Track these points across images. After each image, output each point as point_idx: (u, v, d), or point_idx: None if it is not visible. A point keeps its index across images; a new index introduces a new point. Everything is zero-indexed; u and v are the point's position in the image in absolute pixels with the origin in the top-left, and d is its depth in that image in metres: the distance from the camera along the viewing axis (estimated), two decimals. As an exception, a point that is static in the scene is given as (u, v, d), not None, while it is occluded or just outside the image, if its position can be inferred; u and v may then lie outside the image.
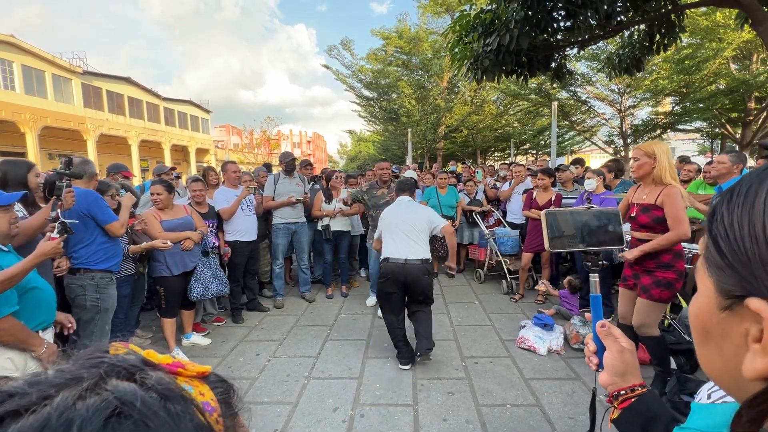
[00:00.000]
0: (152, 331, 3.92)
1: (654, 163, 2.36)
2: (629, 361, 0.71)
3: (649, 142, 2.49)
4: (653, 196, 2.41)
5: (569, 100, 14.28)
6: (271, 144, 37.05)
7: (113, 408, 0.25)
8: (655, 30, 4.50)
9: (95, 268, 2.54)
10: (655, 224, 2.41)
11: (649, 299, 2.42)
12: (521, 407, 2.56)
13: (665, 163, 2.35)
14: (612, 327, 0.75)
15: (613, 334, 0.74)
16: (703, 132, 16.10)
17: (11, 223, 1.68)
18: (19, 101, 17.13)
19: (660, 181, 2.37)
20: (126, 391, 0.26)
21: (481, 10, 4.31)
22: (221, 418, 0.31)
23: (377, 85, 16.57)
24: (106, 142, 21.82)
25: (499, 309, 4.35)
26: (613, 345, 0.73)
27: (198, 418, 0.29)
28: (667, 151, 2.39)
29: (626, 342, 0.73)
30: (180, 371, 0.32)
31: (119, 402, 0.25)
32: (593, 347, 0.77)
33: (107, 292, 2.58)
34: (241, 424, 0.35)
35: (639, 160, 2.44)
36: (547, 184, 4.52)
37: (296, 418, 2.50)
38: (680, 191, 2.33)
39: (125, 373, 0.29)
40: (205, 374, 0.34)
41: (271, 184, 4.54)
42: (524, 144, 20.18)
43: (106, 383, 0.27)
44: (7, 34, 16.72)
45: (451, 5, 14.31)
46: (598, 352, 0.76)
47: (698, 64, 10.50)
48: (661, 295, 2.39)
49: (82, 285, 2.47)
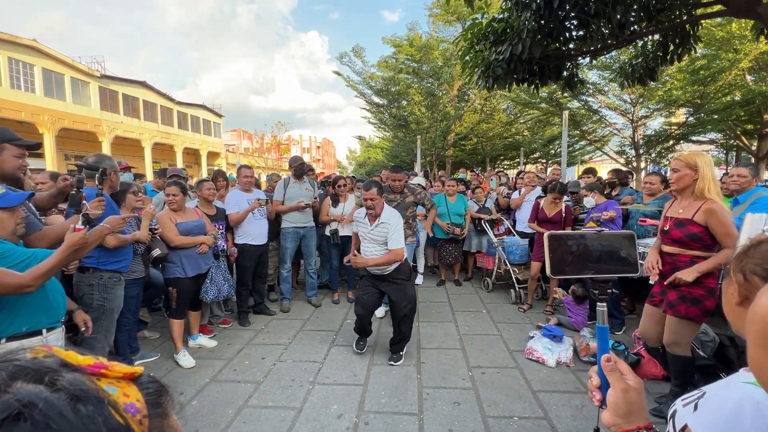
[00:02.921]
0: (159, 332, 3.95)
1: (695, 175, 2.23)
2: (634, 401, 0.66)
3: (691, 152, 2.34)
4: (691, 211, 2.28)
5: (580, 109, 14.19)
6: (281, 149, 37.40)
7: (12, 410, 0.24)
8: (669, 40, 4.45)
9: (104, 268, 2.57)
10: (689, 240, 2.28)
11: (676, 315, 2.29)
12: (529, 420, 2.51)
13: (709, 176, 2.21)
14: (619, 362, 0.70)
15: (620, 370, 0.69)
16: (717, 143, 15.85)
17: (17, 223, 1.70)
18: (39, 103, 17.61)
19: (701, 195, 2.24)
20: (28, 393, 0.26)
21: (493, 18, 4.32)
22: (146, 419, 0.31)
23: (387, 92, 16.66)
24: (120, 144, 22.26)
25: (507, 318, 4.29)
26: (617, 383, 0.68)
27: (113, 418, 0.28)
28: (710, 163, 2.26)
29: (633, 380, 0.68)
30: (103, 372, 0.31)
31: (20, 404, 0.25)
32: (597, 382, 0.72)
33: (114, 292, 2.60)
34: (171, 425, 0.34)
35: (679, 171, 2.29)
36: (560, 202, 4.38)
37: (300, 424, 2.48)
38: (723, 207, 2.19)
39: (34, 375, 0.28)
40: (135, 375, 0.33)
41: (281, 188, 4.57)
42: (534, 153, 20.07)
43: (9, 386, 0.26)
44: (30, 39, 17.25)
45: (462, 14, 14.38)
46: (602, 387, 0.71)
47: (713, 74, 10.37)
48: (687, 311, 2.25)
49: (90, 284, 2.50)
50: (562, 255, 0.90)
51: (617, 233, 0.93)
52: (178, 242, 3.23)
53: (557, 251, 0.90)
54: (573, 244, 0.91)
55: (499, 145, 18.76)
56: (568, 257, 0.90)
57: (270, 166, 32.38)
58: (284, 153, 38.03)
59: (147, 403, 0.32)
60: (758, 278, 0.73)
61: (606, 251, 0.91)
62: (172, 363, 3.29)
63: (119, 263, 2.66)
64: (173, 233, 3.22)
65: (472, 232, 5.63)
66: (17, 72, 17.01)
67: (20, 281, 1.50)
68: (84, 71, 19.90)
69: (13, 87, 16.82)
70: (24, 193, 1.78)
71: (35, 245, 1.99)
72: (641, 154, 14.20)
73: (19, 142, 2.01)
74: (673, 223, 2.36)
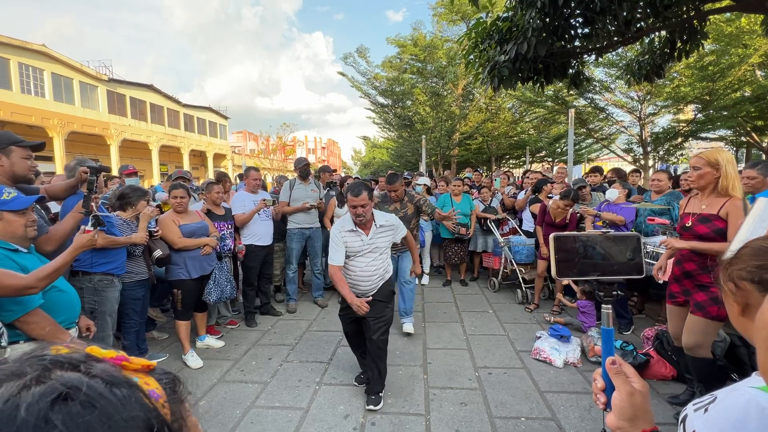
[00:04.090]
0: (167, 333, 3.99)
1: (717, 173, 2.22)
2: (639, 405, 0.66)
3: (712, 150, 2.31)
4: (716, 206, 2.25)
5: (587, 107, 14.06)
6: (287, 150, 37.56)
7: (59, 392, 0.27)
8: (677, 36, 4.40)
9: (93, 271, 2.58)
10: (715, 236, 2.25)
11: (706, 317, 2.23)
12: (536, 420, 2.49)
13: (732, 174, 2.20)
14: (624, 365, 0.69)
15: (625, 373, 0.68)
16: (727, 140, 15.61)
17: (28, 225, 1.72)
18: (48, 107, 17.87)
19: (725, 192, 2.22)
20: (71, 379, 0.29)
21: (498, 17, 4.30)
22: (167, 404, 0.34)
23: (392, 92, 16.64)
24: (128, 146, 22.51)
25: (513, 319, 4.27)
26: (622, 386, 0.67)
27: (144, 400, 0.31)
28: (732, 161, 2.24)
29: (639, 383, 0.68)
30: (125, 364, 0.34)
31: (65, 387, 0.28)
32: (601, 384, 0.71)
33: (105, 295, 2.61)
34: (187, 409, 0.37)
35: (700, 169, 2.27)
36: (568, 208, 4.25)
37: (307, 424, 2.49)
38: (746, 204, 2.18)
39: (69, 365, 0.31)
40: (150, 368, 0.36)
41: (287, 189, 4.60)
42: (540, 151, 19.93)
43: (50, 374, 0.29)
44: (39, 44, 17.51)
45: (466, 13, 14.33)
46: (606, 390, 0.70)
47: (722, 70, 10.21)
48: (719, 312, 2.20)
49: (81, 287, 2.50)
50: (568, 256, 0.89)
51: (623, 235, 0.92)
52: (182, 244, 3.25)
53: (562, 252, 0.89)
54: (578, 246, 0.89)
55: (504, 144, 18.65)
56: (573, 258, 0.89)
57: (275, 167, 32.52)
58: (290, 154, 38.19)
59: (165, 391, 0.35)
60: (747, 282, 0.72)
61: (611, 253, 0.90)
62: (181, 363, 3.32)
63: (109, 264, 2.66)
64: (177, 235, 3.24)
65: (478, 231, 5.61)
66: (27, 77, 17.29)
67: (23, 283, 1.51)
68: (92, 75, 20.16)
69: (24, 92, 17.09)
70: (33, 196, 1.81)
71: (43, 248, 2.02)
72: (649, 152, 14.03)
73: (24, 143, 2.05)
74: (696, 219, 2.31)
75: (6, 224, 1.65)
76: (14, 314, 1.58)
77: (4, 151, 1.98)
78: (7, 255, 1.63)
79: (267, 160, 33.76)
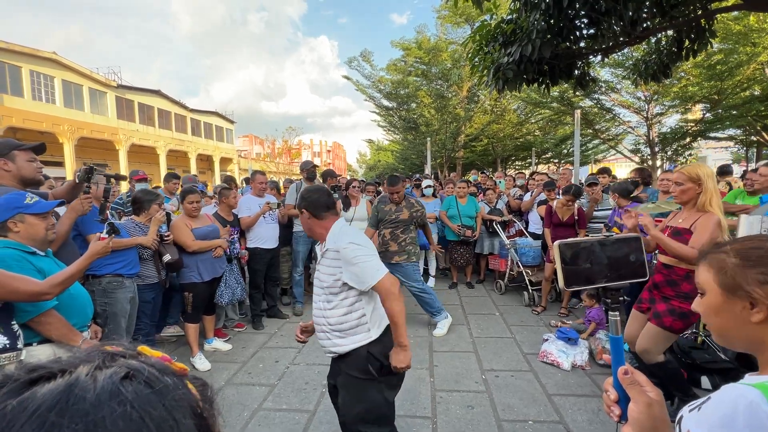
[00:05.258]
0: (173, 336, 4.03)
1: (699, 188, 2.23)
2: (659, 416, 0.63)
3: (692, 165, 2.35)
4: (690, 221, 2.28)
5: (593, 107, 13.97)
6: (292, 153, 37.80)
7: (126, 372, 0.33)
8: (684, 36, 4.36)
9: (101, 273, 2.63)
10: None
11: (659, 326, 2.29)
12: (544, 424, 2.47)
13: (711, 189, 2.21)
14: (636, 373, 0.67)
15: (639, 383, 0.65)
16: (737, 140, 15.41)
17: (48, 229, 1.78)
18: (59, 114, 18.18)
19: (702, 207, 2.23)
20: (133, 364, 0.34)
21: (502, 20, 4.30)
22: (201, 402, 0.38)
23: (397, 95, 16.69)
24: (136, 151, 22.80)
25: (520, 321, 4.24)
26: (639, 397, 0.64)
27: (190, 390, 0.36)
28: (712, 176, 2.25)
29: (654, 392, 0.65)
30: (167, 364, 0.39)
31: (129, 369, 0.33)
32: (614, 395, 0.68)
33: (115, 296, 2.64)
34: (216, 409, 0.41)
35: (682, 185, 2.29)
36: (572, 205, 4.31)
37: (314, 427, 2.50)
38: (720, 221, 2.16)
39: (130, 356, 0.37)
40: (186, 372, 0.40)
41: (293, 192, 4.62)
42: (546, 153, 19.83)
43: (115, 361, 0.35)
44: (50, 52, 17.85)
45: (470, 15, 14.34)
46: (620, 401, 0.68)
47: (731, 69, 10.10)
48: (673, 324, 2.25)
49: (91, 291, 2.53)
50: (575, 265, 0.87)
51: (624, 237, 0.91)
52: (196, 246, 3.29)
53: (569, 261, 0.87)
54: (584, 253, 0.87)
55: (510, 145, 18.59)
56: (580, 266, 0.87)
57: (281, 170, 32.72)
58: (295, 157, 38.43)
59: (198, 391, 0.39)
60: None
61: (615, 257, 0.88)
62: (189, 366, 3.35)
63: (117, 264, 2.70)
64: (190, 238, 3.29)
65: (484, 233, 5.59)
66: (38, 84, 17.62)
67: (38, 289, 1.55)
68: (101, 82, 20.49)
69: (35, 99, 17.42)
70: (54, 201, 1.89)
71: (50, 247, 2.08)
72: (657, 152, 13.89)
73: (25, 146, 2.12)
74: (670, 232, 2.34)
75: (29, 227, 1.71)
76: (29, 315, 1.62)
77: (8, 156, 2.05)
78: (24, 257, 1.67)
79: (273, 163, 33.99)
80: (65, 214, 2.28)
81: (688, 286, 2.25)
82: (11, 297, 1.51)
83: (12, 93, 16.40)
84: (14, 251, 1.65)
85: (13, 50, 16.23)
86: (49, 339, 1.69)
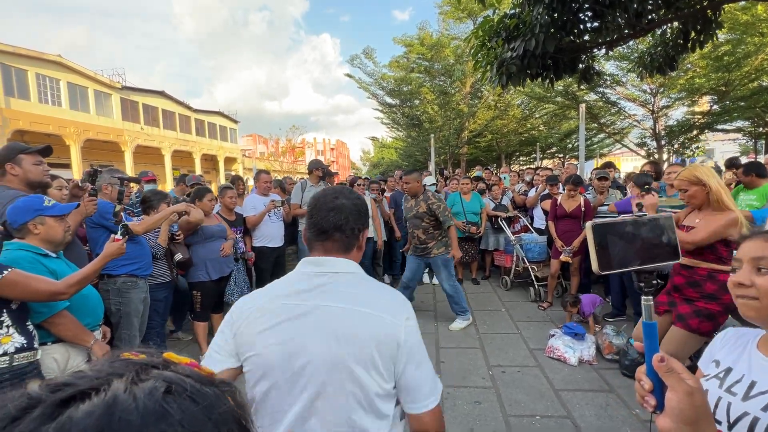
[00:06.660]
0: (190, 334, 4.07)
1: (705, 188, 2.20)
2: (701, 405, 0.57)
3: (687, 169, 2.30)
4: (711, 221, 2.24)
5: (598, 101, 13.86)
6: (296, 152, 37.86)
7: (166, 387, 0.30)
8: (690, 27, 4.30)
9: (116, 273, 2.65)
10: (702, 250, 2.24)
11: (686, 329, 2.23)
12: (552, 419, 2.48)
13: (716, 186, 2.18)
14: (672, 361, 0.61)
15: (676, 370, 0.59)
16: (744, 131, 15.21)
17: (66, 231, 1.83)
18: (65, 116, 18.36)
19: (718, 206, 2.19)
20: (171, 376, 0.32)
21: (505, 14, 4.27)
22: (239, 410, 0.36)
23: (399, 92, 16.63)
24: (141, 152, 22.96)
25: (526, 317, 4.24)
26: (678, 385, 0.58)
27: (229, 401, 0.34)
28: (711, 173, 2.22)
29: (692, 380, 0.58)
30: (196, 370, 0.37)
31: (168, 383, 0.30)
32: (648, 385, 0.63)
33: (129, 296, 2.66)
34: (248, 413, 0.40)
35: (687, 191, 2.26)
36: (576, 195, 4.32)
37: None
38: (736, 218, 2.12)
39: (162, 367, 0.34)
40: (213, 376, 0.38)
41: (299, 191, 4.65)
42: (550, 148, 19.69)
43: (149, 373, 0.31)
44: (55, 55, 18.01)
45: (473, 10, 14.25)
46: (655, 391, 0.62)
47: (738, 60, 9.96)
48: (700, 326, 2.20)
49: (106, 290, 2.59)
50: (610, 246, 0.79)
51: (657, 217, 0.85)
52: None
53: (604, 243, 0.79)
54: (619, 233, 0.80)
55: (514, 141, 18.49)
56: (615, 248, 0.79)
57: (285, 169, 32.80)
58: (299, 156, 38.49)
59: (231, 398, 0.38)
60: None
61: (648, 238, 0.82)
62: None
63: (133, 265, 2.72)
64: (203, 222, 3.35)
65: (489, 230, 5.58)
66: (44, 87, 17.79)
67: (55, 288, 1.59)
68: (106, 83, 20.64)
69: (41, 101, 17.59)
70: (71, 204, 1.93)
71: None
72: (663, 146, 13.75)
73: (31, 150, 2.16)
74: (686, 231, 2.30)
75: (48, 228, 1.75)
76: (43, 315, 1.66)
77: (14, 160, 2.09)
78: (37, 259, 1.71)
79: (277, 162, 34.08)
80: (70, 216, 2.32)
81: (712, 286, 2.20)
82: (31, 297, 1.55)
83: (19, 96, 16.58)
84: (27, 253, 1.69)
85: (19, 54, 16.38)
86: (61, 339, 1.73)
